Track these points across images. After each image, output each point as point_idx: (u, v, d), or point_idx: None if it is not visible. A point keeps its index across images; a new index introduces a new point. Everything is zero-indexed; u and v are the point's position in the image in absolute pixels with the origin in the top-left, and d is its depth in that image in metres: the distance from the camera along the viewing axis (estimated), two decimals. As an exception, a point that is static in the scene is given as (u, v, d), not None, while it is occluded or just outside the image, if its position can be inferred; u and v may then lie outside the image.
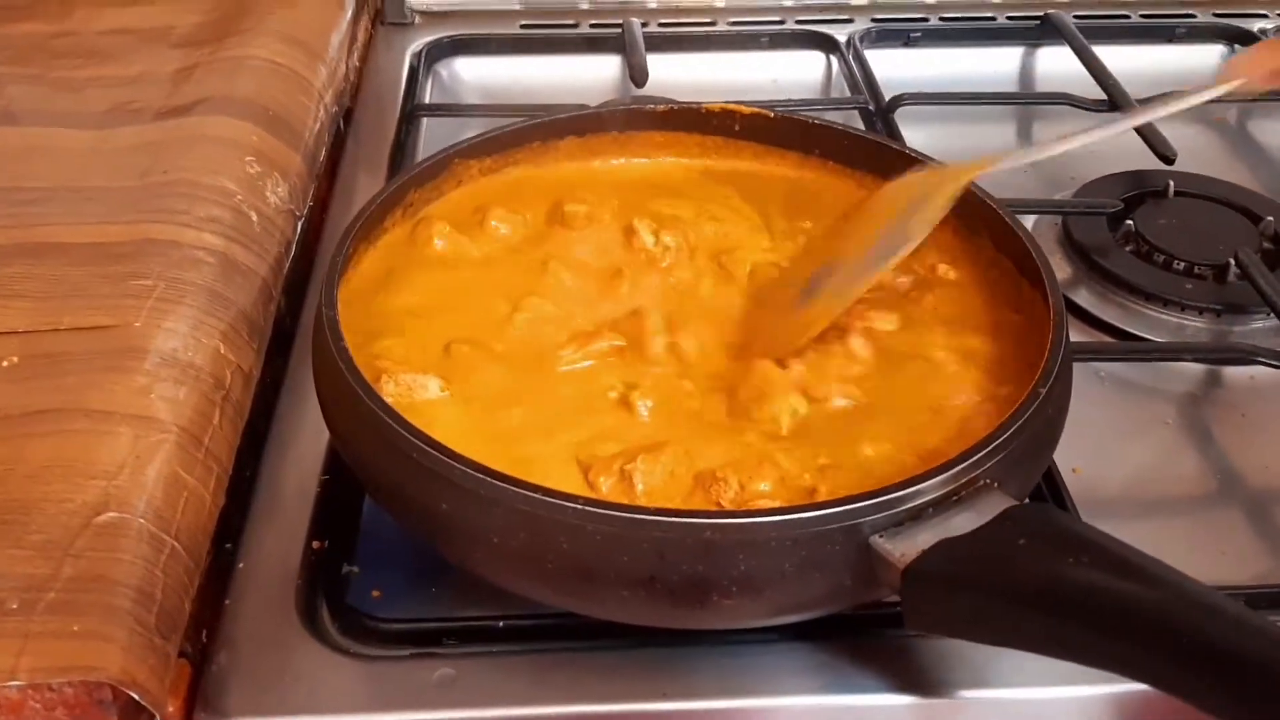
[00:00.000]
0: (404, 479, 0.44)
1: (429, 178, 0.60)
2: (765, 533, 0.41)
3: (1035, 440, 0.46)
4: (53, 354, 0.52)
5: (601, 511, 0.41)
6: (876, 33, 0.93)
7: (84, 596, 0.42)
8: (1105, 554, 0.39)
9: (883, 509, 0.42)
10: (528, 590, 0.46)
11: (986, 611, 0.40)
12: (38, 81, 0.72)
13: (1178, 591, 0.37)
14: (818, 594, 0.43)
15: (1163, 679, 0.36)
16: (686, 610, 0.43)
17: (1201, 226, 0.72)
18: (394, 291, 0.56)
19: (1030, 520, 0.42)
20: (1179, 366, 0.66)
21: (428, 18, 0.96)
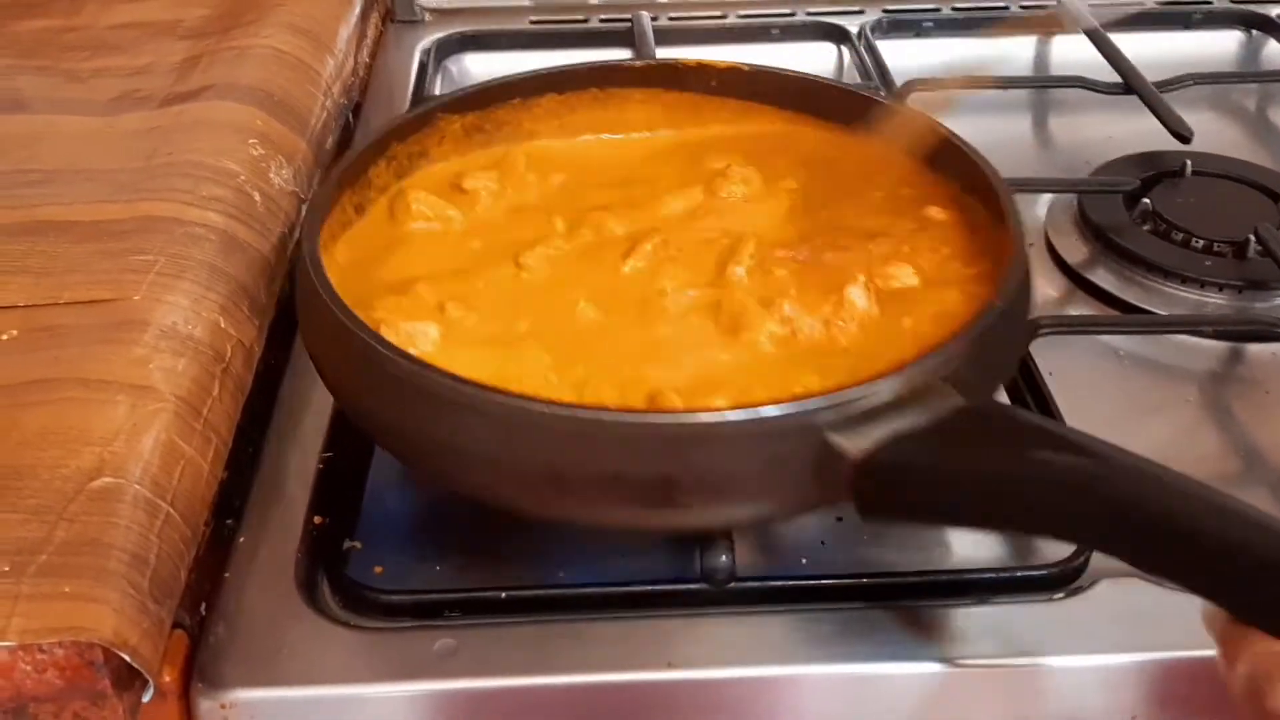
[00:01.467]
0: (375, 392, 0.46)
1: (411, 130, 0.61)
2: (724, 431, 0.42)
3: (991, 345, 0.47)
4: (52, 327, 0.51)
5: (566, 413, 0.42)
6: (888, 23, 0.93)
7: (76, 559, 0.41)
8: (1059, 439, 0.41)
9: (838, 406, 0.42)
10: (504, 499, 0.46)
11: (943, 496, 0.42)
12: (46, 72, 0.72)
13: (1133, 468, 0.38)
14: (778, 492, 0.44)
15: (1120, 548, 0.39)
16: (654, 509, 0.44)
17: (1220, 204, 0.71)
18: (385, 262, 0.56)
19: (984, 412, 0.44)
20: (1200, 344, 0.64)
21: (438, 15, 0.96)
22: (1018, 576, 0.49)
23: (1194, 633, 0.46)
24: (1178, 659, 0.46)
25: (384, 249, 0.57)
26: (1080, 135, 0.83)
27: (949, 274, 0.55)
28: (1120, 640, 0.47)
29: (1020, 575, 0.49)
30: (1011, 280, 0.49)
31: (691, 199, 0.60)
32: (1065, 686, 0.47)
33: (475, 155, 0.64)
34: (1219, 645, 0.37)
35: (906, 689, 0.47)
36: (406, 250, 0.57)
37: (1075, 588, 0.49)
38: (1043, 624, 0.47)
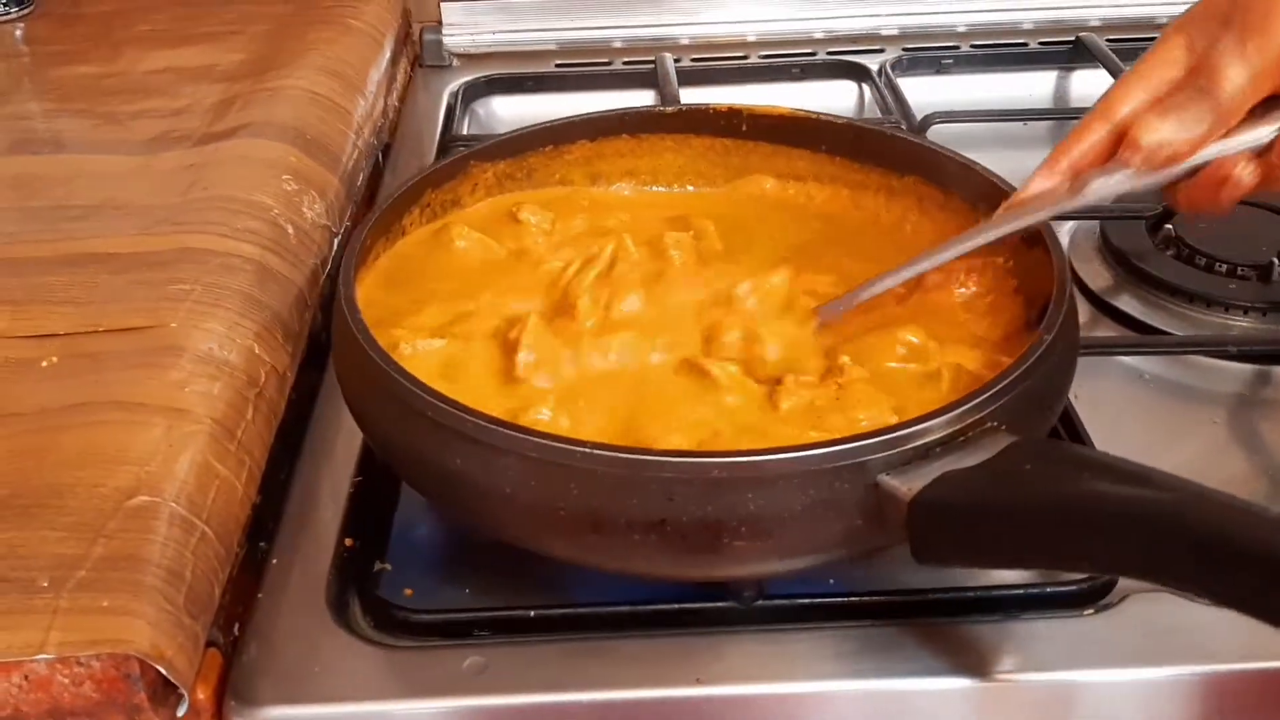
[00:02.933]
0: (418, 438, 0.45)
1: (445, 178, 0.62)
2: (773, 471, 0.41)
3: (1039, 384, 0.46)
4: (91, 354, 0.53)
5: (610, 454, 0.42)
6: (908, 60, 0.94)
7: (114, 575, 0.42)
8: (1110, 468, 0.39)
9: (889, 447, 0.42)
10: (544, 544, 0.46)
11: (995, 534, 0.40)
12: (86, 115, 0.75)
13: (1185, 492, 0.37)
14: (828, 534, 0.43)
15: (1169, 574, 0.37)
16: (699, 555, 0.43)
17: (1242, 229, 0.71)
18: (414, 285, 0.58)
19: (1035, 449, 0.43)
20: (1225, 367, 0.64)
21: (465, 60, 0.98)
22: (1046, 593, 0.49)
23: (1222, 647, 0.47)
24: (1207, 673, 0.46)
25: (422, 270, 0.59)
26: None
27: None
28: (1149, 655, 0.46)
29: (1049, 592, 0.49)
30: (1058, 312, 0.48)
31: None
32: (1095, 702, 0.47)
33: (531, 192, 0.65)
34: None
35: (936, 706, 0.46)
36: (442, 274, 0.59)
37: (1104, 604, 0.49)
38: (1072, 640, 0.47)
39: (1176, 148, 0.48)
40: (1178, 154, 0.48)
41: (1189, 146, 0.48)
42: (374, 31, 0.88)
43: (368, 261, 0.57)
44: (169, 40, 0.85)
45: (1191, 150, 0.48)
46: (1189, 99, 0.48)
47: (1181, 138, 0.48)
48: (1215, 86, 0.47)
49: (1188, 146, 0.48)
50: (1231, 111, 0.48)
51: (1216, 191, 0.49)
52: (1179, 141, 0.48)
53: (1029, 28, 0.98)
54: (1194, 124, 0.47)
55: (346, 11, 0.89)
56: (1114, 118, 0.50)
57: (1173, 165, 0.49)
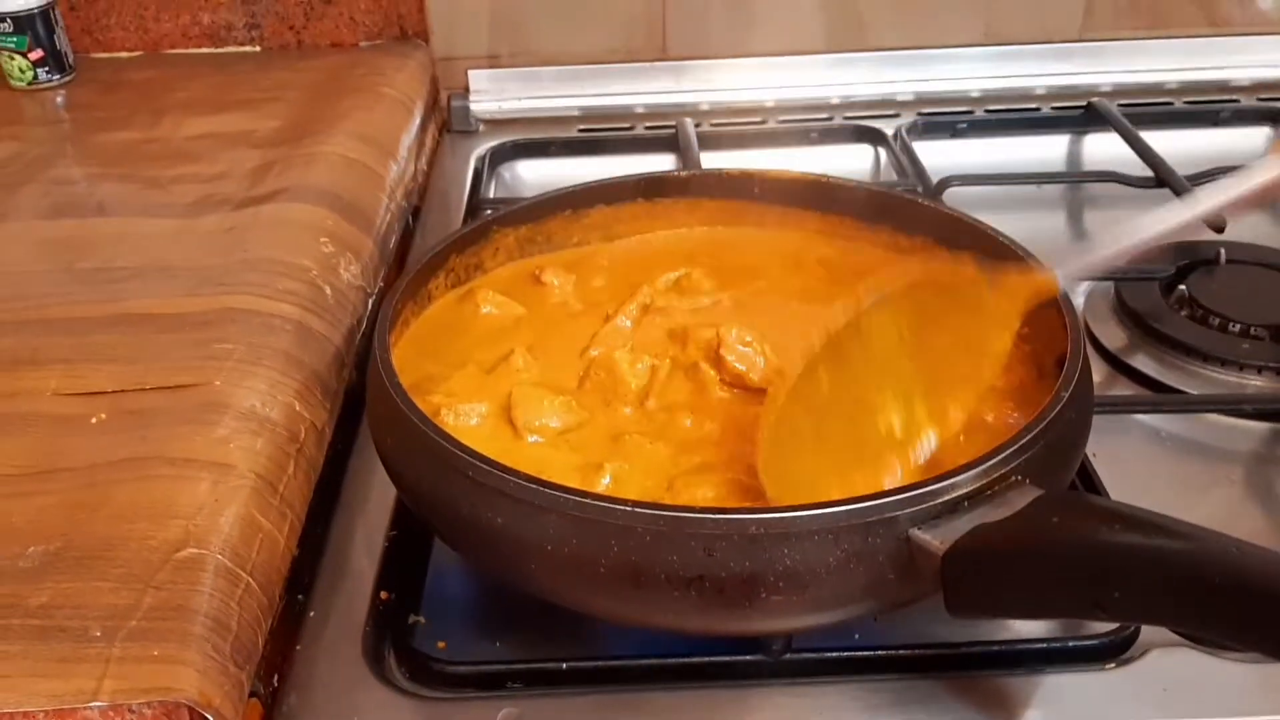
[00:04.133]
0: (458, 497, 0.46)
1: (469, 243, 0.64)
2: (808, 526, 0.42)
3: (1061, 438, 0.48)
4: (138, 411, 0.54)
5: (650, 512, 0.43)
6: (923, 125, 0.96)
7: (163, 624, 0.44)
8: (1135, 519, 0.40)
9: (920, 501, 0.43)
10: (583, 601, 0.47)
11: (1027, 585, 0.41)
12: (129, 180, 0.77)
13: (1209, 541, 0.38)
14: (861, 587, 0.44)
15: (1203, 623, 0.38)
16: (736, 610, 0.44)
17: (1255, 290, 0.73)
18: (445, 348, 0.59)
19: (1062, 502, 0.44)
20: (1241, 425, 0.65)
21: (491, 125, 1.01)
22: (1069, 647, 0.50)
23: (1242, 702, 0.47)
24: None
25: (451, 334, 0.60)
26: (1114, 228, 0.85)
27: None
28: (1171, 709, 0.47)
29: (1071, 646, 0.50)
30: (1074, 368, 0.50)
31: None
32: (1119, 756, 0.47)
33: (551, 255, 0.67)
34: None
35: (962, 758, 0.47)
36: (470, 337, 0.61)
37: (1126, 658, 0.50)
38: (1095, 694, 0.48)
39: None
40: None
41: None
42: (405, 98, 0.91)
43: (399, 327, 0.59)
44: (207, 107, 0.88)
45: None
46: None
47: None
48: None
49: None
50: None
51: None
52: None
53: (1042, 93, 1.00)
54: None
55: (378, 80, 0.92)
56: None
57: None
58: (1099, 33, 1.00)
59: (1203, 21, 1.00)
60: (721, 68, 1.01)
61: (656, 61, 1.01)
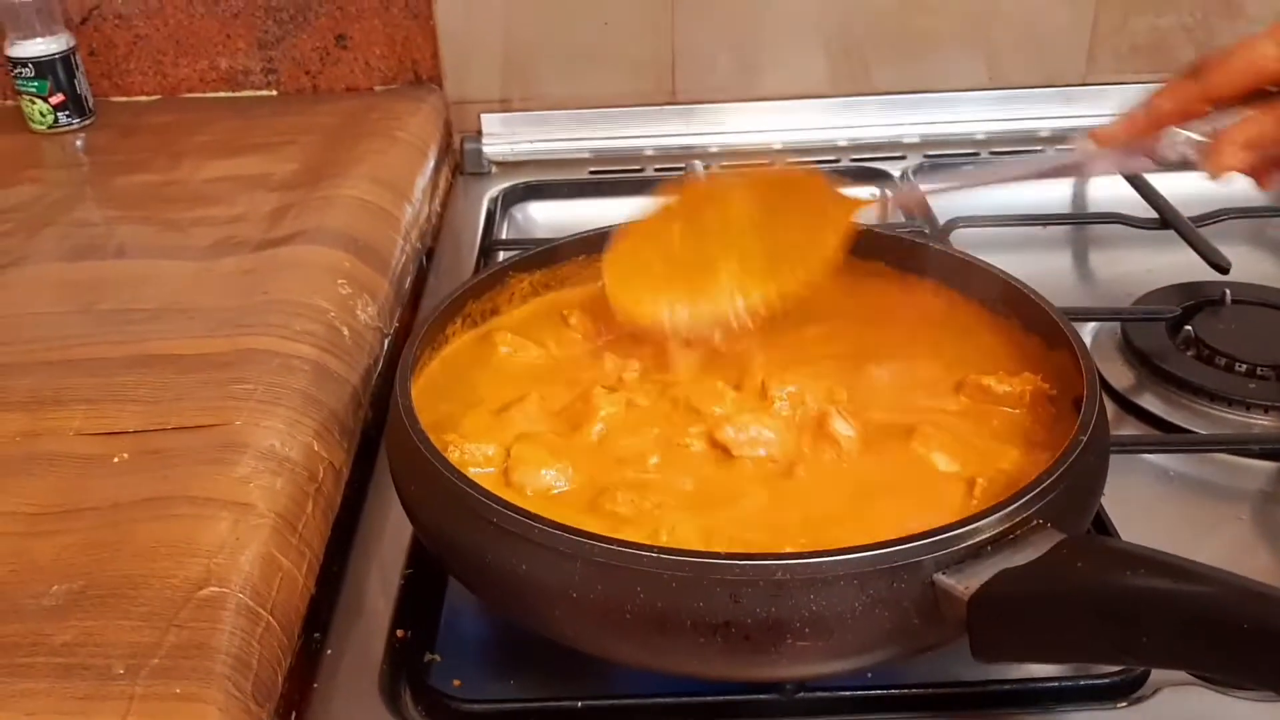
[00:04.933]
0: (483, 544, 0.47)
1: (485, 289, 0.65)
2: (833, 571, 0.43)
3: (1081, 481, 0.48)
4: (160, 450, 0.55)
5: (676, 558, 0.43)
6: (929, 166, 0.98)
7: (185, 662, 0.44)
8: (1160, 564, 0.41)
9: (943, 546, 0.44)
10: (607, 648, 0.47)
11: (1052, 629, 0.42)
12: (148, 222, 0.79)
13: (1231, 586, 0.39)
14: (886, 633, 0.44)
15: (1228, 667, 0.39)
16: (761, 656, 0.44)
17: (1260, 331, 0.73)
18: (462, 390, 0.60)
19: (1085, 546, 0.44)
20: (1249, 464, 0.66)
21: (503, 167, 1.03)
22: (1081, 685, 0.50)
23: (1257, 739, 0.47)
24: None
25: (469, 376, 0.61)
26: (1120, 269, 0.86)
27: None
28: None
29: (1084, 685, 0.50)
30: (1091, 412, 0.51)
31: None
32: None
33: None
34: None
35: (976, 796, 0.48)
36: (488, 377, 0.61)
37: (1137, 696, 0.50)
38: (1099, 726, 0.48)
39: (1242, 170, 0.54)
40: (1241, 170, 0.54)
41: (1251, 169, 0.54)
42: (419, 142, 0.93)
43: (417, 371, 0.59)
44: (225, 150, 0.90)
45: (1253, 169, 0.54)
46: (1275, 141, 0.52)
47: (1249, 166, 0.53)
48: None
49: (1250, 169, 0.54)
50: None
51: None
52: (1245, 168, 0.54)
53: (1046, 135, 1.02)
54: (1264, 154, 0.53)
55: (393, 124, 0.93)
56: (1207, 84, 0.54)
57: None
58: (1102, 76, 1.02)
59: (1204, 65, 1.02)
60: (730, 111, 1.03)
61: (666, 105, 1.03)
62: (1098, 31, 1.01)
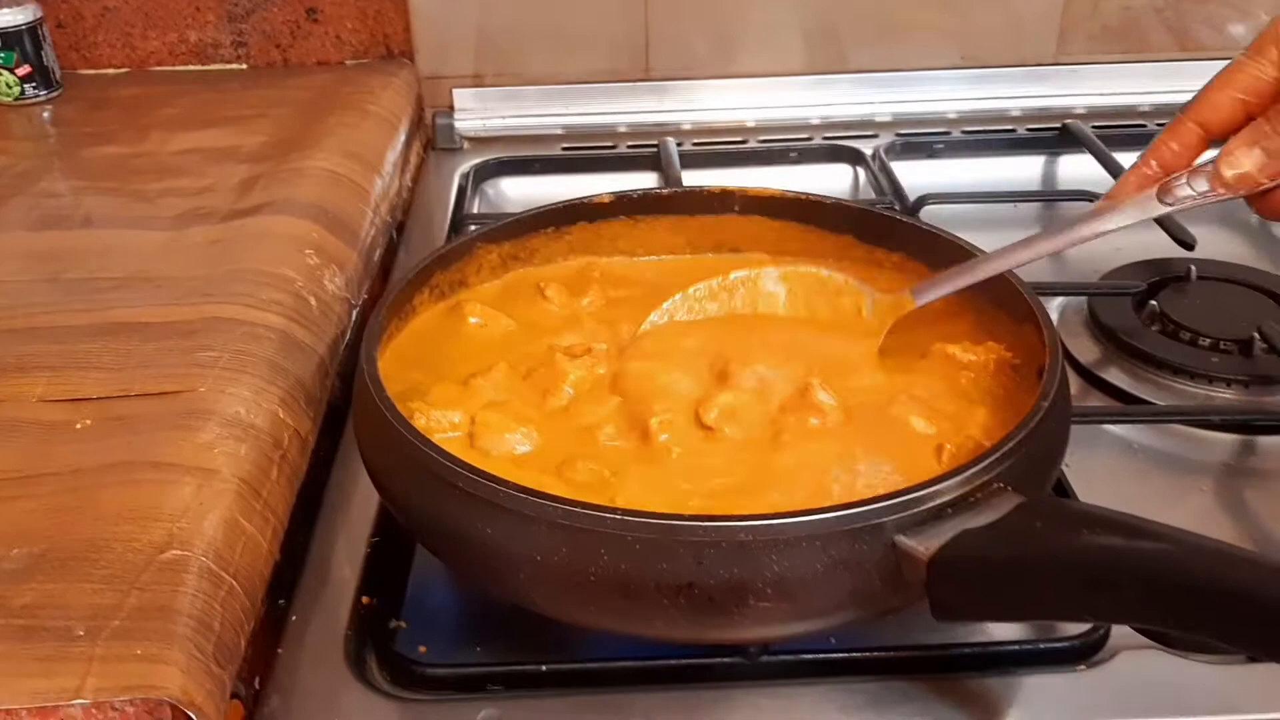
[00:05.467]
0: (447, 508, 0.47)
1: (453, 259, 0.65)
2: (795, 533, 0.43)
3: (1041, 446, 0.49)
4: (124, 417, 0.55)
5: (640, 520, 0.43)
6: (901, 145, 0.98)
7: (147, 624, 0.44)
8: (1117, 523, 0.41)
9: (904, 508, 0.44)
10: (572, 611, 0.47)
11: (1011, 589, 0.42)
12: (115, 193, 0.78)
13: (1187, 543, 0.40)
14: (848, 594, 0.44)
15: (1183, 622, 0.39)
16: (725, 618, 0.44)
17: (1224, 306, 0.74)
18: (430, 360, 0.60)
19: (1043, 507, 0.45)
20: (1212, 437, 0.66)
21: (476, 143, 1.02)
22: (1041, 649, 0.51)
23: (1208, 701, 0.48)
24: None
25: (436, 344, 0.61)
26: (1088, 248, 0.85)
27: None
28: (1139, 709, 0.48)
29: (1043, 648, 0.51)
30: (1053, 379, 0.51)
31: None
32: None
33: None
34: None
35: (936, 757, 0.48)
36: (457, 347, 0.61)
37: (1096, 660, 0.50)
38: (1066, 694, 0.49)
39: (1256, 179, 0.51)
40: (1258, 182, 0.51)
41: (1268, 177, 0.51)
42: (390, 116, 0.92)
43: (384, 342, 0.59)
44: (194, 123, 0.89)
45: (1270, 179, 0.51)
46: (1275, 130, 0.50)
47: (1261, 169, 0.51)
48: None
49: (1266, 177, 0.51)
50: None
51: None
52: (1258, 173, 0.51)
53: (1017, 114, 1.02)
54: (1275, 156, 0.50)
55: (364, 97, 0.93)
56: (1204, 121, 0.53)
57: (1253, 189, 0.52)
58: (1073, 56, 1.02)
59: (1174, 46, 1.03)
60: (703, 88, 1.03)
61: (639, 82, 1.02)
62: (1069, 12, 1.01)
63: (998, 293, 0.62)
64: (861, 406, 0.56)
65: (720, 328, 0.64)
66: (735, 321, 0.65)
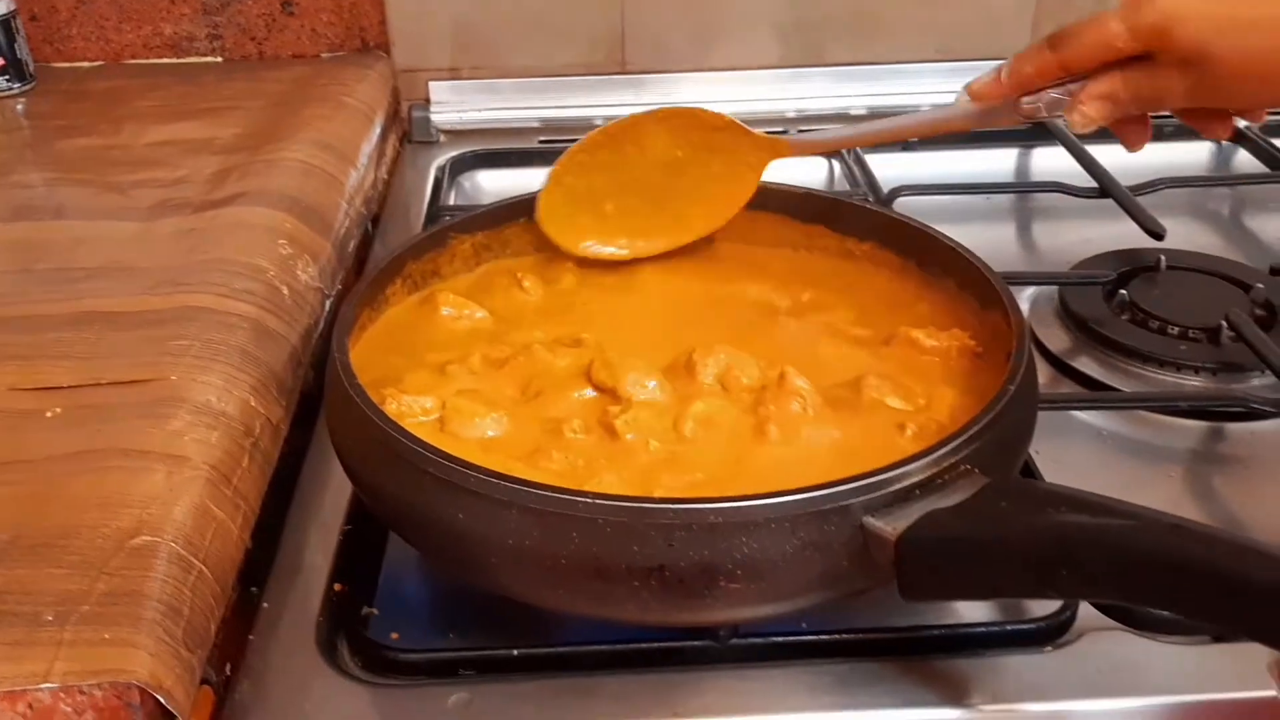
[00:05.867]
0: (419, 494, 0.47)
1: (425, 250, 0.65)
2: (764, 515, 0.43)
3: (1008, 429, 0.49)
4: (94, 405, 0.55)
5: (611, 503, 0.44)
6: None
7: (116, 609, 0.44)
8: (1081, 501, 0.42)
9: (872, 490, 0.44)
10: (545, 596, 0.47)
11: (978, 567, 0.43)
12: (88, 184, 0.78)
13: (1149, 520, 0.40)
14: (818, 575, 0.45)
15: (1145, 596, 0.40)
16: (696, 600, 0.44)
17: (1193, 295, 0.75)
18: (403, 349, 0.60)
19: (1010, 487, 0.45)
20: (1181, 424, 0.67)
21: (452, 136, 1.02)
22: (1007, 631, 0.51)
23: (1169, 681, 0.49)
24: (1156, 705, 0.49)
25: (410, 335, 0.61)
26: (1060, 239, 0.88)
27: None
28: (1103, 689, 0.49)
29: (1010, 629, 0.51)
30: (1020, 362, 0.52)
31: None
32: (1055, 733, 0.49)
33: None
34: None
35: (905, 737, 0.48)
36: (431, 337, 0.62)
37: (1062, 641, 0.51)
38: (1032, 675, 0.49)
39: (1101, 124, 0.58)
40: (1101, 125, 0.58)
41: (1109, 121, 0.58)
42: (365, 109, 0.92)
43: (356, 331, 0.59)
44: (169, 115, 0.89)
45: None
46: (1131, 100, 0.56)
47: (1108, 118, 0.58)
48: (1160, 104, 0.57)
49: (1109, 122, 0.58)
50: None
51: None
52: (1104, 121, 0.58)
53: (990, 108, 1.02)
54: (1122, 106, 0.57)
55: (339, 90, 0.93)
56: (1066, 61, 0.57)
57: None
58: (1046, 49, 1.03)
59: (1147, 40, 1.03)
60: (680, 81, 1.03)
61: (616, 75, 1.03)
62: (1043, 5, 1.02)
63: (964, 278, 0.62)
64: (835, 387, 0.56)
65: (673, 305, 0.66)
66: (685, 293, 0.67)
